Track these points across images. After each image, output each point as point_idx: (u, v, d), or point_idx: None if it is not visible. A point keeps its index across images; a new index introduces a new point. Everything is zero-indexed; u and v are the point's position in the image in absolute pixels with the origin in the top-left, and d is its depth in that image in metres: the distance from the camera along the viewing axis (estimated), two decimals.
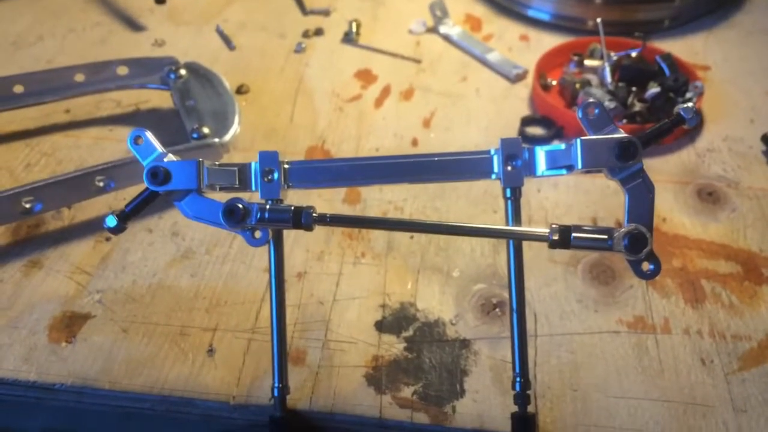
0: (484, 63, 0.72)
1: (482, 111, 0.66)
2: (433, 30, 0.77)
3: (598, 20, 0.68)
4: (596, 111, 0.37)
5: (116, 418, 0.47)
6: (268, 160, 0.40)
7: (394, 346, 0.46)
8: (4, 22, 0.78)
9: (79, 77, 0.62)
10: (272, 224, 0.39)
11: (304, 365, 0.45)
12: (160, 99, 0.66)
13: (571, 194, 0.57)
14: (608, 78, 0.65)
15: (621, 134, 0.37)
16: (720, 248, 0.52)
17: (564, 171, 0.39)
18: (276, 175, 0.40)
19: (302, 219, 0.38)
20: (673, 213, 0.55)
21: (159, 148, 0.39)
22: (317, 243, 0.53)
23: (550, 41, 0.75)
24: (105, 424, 0.49)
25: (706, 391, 0.43)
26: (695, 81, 0.64)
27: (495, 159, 0.40)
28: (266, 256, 0.52)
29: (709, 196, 0.57)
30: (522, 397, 0.39)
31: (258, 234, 0.39)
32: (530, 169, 0.39)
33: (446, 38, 0.76)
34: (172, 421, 0.46)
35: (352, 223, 0.44)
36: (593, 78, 0.67)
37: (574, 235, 0.37)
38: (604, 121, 0.38)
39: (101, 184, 0.52)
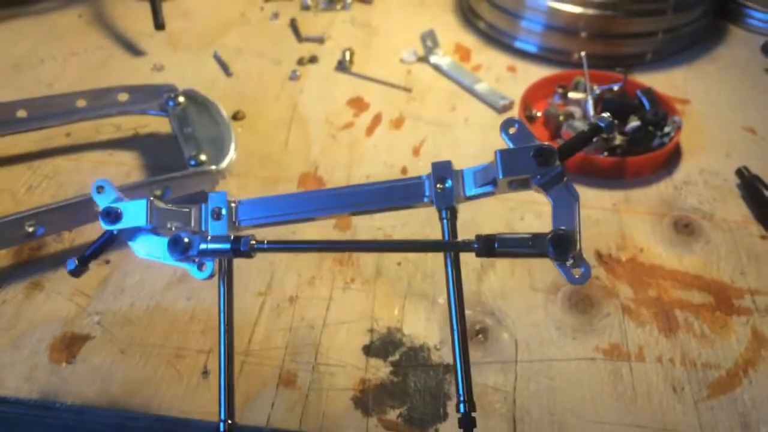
0: (473, 93, 0.75)
1: (470, 140, 0.69)
2: (423, 59, 0.80)
3: (583, 54, 0.71)
4: (516, 126, 0.39)
5: None
6: (217, 199, 0.42)
7: (380, 370, 0.48)
8: (6, 44, 0.80)
9: (81, 103, 0.64)
10: (214, 254, 0.40)
11: (294, 387, 0.47)
12: (158, 124, 0.68)
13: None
14: (591, 111, 0.68)
15: (537, 143, 0.39)
16: (694, 279, 0.55)
17: (490, 187, 0.40)
18: (224, 213, 0.42)
19: (241, 246, 0.39)
20: (650, 244, 0.58)
21: (117, 193, 0.42)
22: (309, 268, 0.55)
23: (536, 72, 0.78)
24: None
25: (676, 417, 0.46)
26: (674, 115, 0.67)
27: (426, 183, 0.41)
28: (260, 280, 0.54)
29: (684, 228, 0.59)
30: (467, 420, 0.37)
31: (205, 267, 0.41)
32: (461, 189, 0.41)
33: (436, 68, 0.79)
34: None
35: (290, 248, 0.44)
36: (577, 110, 0.69)
37: (498, 241, 0.38)
38: (526, 137, 0.39)
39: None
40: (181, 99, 0.65)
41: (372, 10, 0.90)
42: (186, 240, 0.39)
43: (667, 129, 0.66)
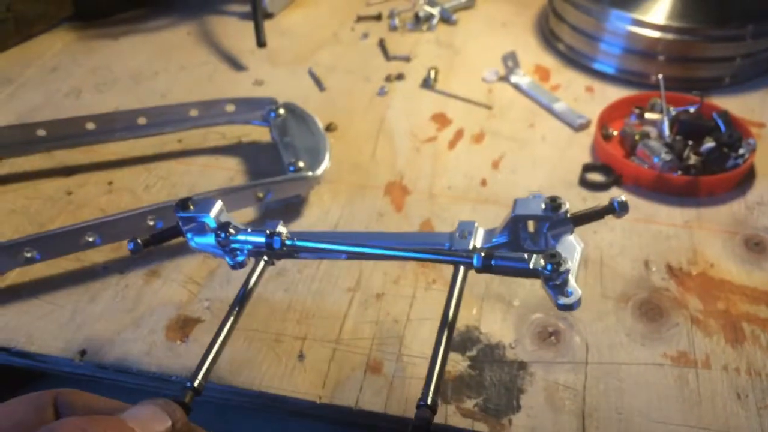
0: (551, 111, 0.79)
1: (547, 156, 0.73)
2: (504, 79, 0.84)
3: (660, 76, 0.74)
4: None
5: (214, 409, 0.55)
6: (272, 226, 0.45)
7: (459, 363, 0.53)
8: (125, 57, 0.89)
9: (194, 112, 0.71)
10: (246, 242, 0.44)
11: (380, 374, 0.52)
12: (259, 133, 0.75)
13: (626, 236, 0.63)
14: (666, 131, 0.71)
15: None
16: (762, 294, 0.57)
17: (504, 238, 0.43)
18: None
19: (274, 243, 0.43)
20: (721, 260, 0.60)
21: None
22: (394, 269, 0.60)
23: (613, 93, 0.81)
24: (204, 412, 0.56)
25: (739, 422, 0.48)
26: (749, 138, 0.69)
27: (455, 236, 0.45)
28: (349, 276, 0.60)
29: (755, 246, 0.62)
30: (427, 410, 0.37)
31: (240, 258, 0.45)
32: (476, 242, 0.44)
33: (516, 87, 0.83)
34: (261, 413, 0.53)
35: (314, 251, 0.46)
36: (652, 130, 0.72)
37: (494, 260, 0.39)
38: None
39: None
40: (282, 111, 0.71)
41: (456, 31, 0.95)
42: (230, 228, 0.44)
43: (741, 151, 0.68)
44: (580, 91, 0.82)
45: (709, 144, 0.68)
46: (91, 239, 0.57)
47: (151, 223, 0.59)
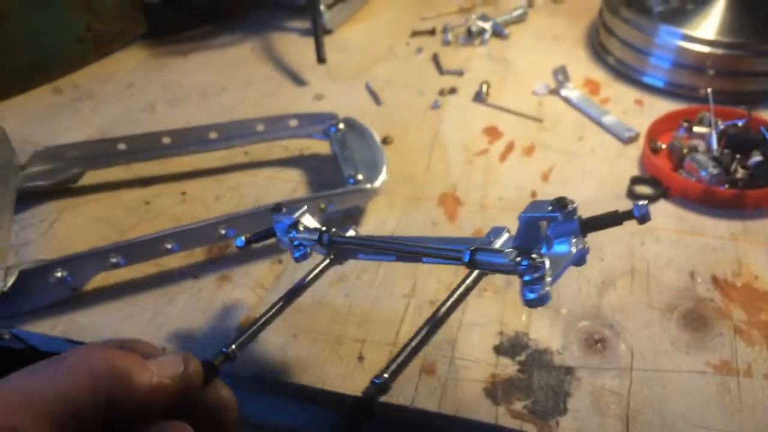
0: (600, 124, 0.81)
1: (596, 169, 0.75)
2: (554, 92, 0.87)
3: (709, 90, 0.76)
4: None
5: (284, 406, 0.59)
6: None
7: (509, 367, 0.56)
8: (194, 74, 0.95)
9: (260, 127, 0.76)
10: (305, 238, 0.52)
11: (434, 376, 0.56)
12: (319, 147, 0.79)
13: (672, 248, 0.65)
14: (714, 145, 0.73)
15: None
16: None
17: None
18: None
19: (324, 239, 0.50)
20: (765, 272, 0.62)
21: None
22: (448, 276, 0.64)
23: (662, 107, 0.83)
24: (272, 404, 0.61)
25: None
26: None
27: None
28: (405, 284, 0.64)
29: None
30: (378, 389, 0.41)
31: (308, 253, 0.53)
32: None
33: (566, 100, 0.86)
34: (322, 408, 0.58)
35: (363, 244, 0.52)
36: (701, 144, 0.74)
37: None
38: None
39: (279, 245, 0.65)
40: (341, 125, 0.76)
41: (508, 45, 0.98)
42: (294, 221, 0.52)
43: None
44: (629, 105, 0.85)
45: (756, 158, 0.70)
46: (169, 246, 0.63)
47: (223, 231, 0.64)
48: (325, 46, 0.93)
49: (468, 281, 0.47)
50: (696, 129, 0.76)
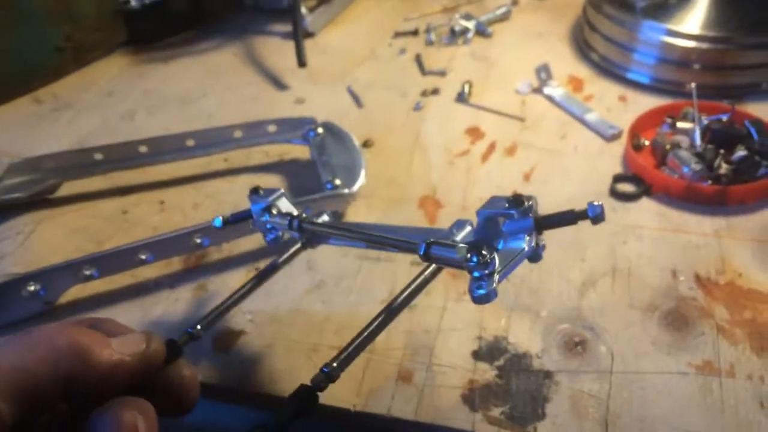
0: (583, 122, 0.80)
1: (578, 167, 0.74)
2: (537, 90, 0.86)
3: (693, 85, 0.75)
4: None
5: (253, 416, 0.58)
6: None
7: (487, 372, 0.55)
8: (175, 80, 0.94)
9: (238, 134, 0.76)
10: (277, 222, 0.51)
11: (411, 383, 0.55)
12: (299, 152, 0.78)
13: (655, 246, 0.64)
14: (698, 140, 0.71)
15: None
16: None
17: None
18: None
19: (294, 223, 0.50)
20: (749, 269, 0.61)
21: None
22: None
23: (647, 102, 0.82)
24: (242, 418, 0.60)
25: (761, 430, 0.49)
26: None
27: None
28: (384, 288, 0.63)
29: None
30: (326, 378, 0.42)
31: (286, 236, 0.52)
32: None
33: (549, 99, 0.84)
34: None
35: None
36: (684, 140, 0.73)
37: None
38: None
39: (252, 226, 0.64)
40: (320, 130, 0.75)
41: (491, 43, 0.97)
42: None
43: None
44: (613, 101, 0.84)
45: (740, 152, 0.69)
46: (143, 257, 0.62)
47: (198, 241, 0.63)
48: (306, 50, 0.92)
49: (426, 273, 0.47)
50: (680, 125, 0.74)
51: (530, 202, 0.38)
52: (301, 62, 0.90)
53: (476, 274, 0.37)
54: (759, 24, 0.80)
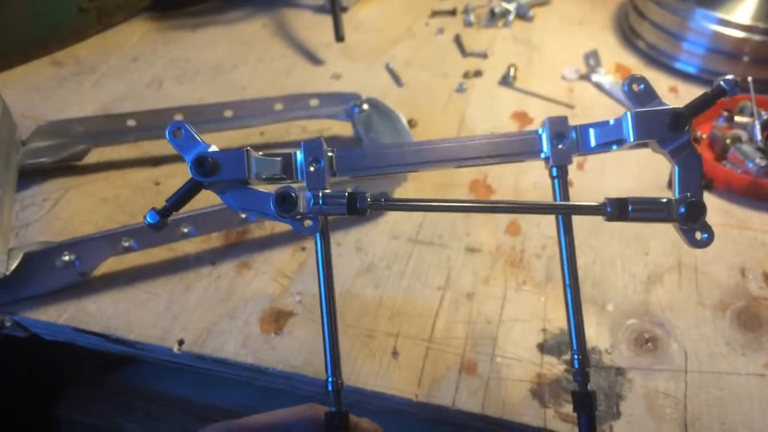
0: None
1: (634, 158, 0.71)
2: (585, 78, 0.83)
3: (749, 79, 0.72)
4: (641, 86, 0.39)
5: (299, 400, 0.55)
6: (313, 149, 0.39)
7: (555, 367, 0.52)
8: (205, 49, 0.90)
9: (278, 106, 0.72)
10: (326, 211, 0.38)
11: (475, 375, 0.52)
12: (340, 128, 0.75)
13: (719, 242, 0.62)
14: (758, 135, 0.69)
15: (669, 106, 0.38)
16: None
17: (614, 146, 0.39)
18: (321, 164, 0.39)
19: (357, 203, 0.37)
20: None
21: (201, 139, 0.39)
22: (483, 268, 0.60)
23: (698, 93, 0.78)
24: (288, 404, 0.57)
25: None
26: None
27: (543, 138, 0.40)
28: (438, 275, 0.59)
29: None
30: (582, 374, 0.38)
31: (308, 222, 0.39)
32: (580, 147, 0.40)
33: (598, 86, 0.82)
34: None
35: (408, 206, 0.42)
36: (743, 134, 0.70)
37: (631, 206, 0.37)
38: (650, 96, 0.39)
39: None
40: (365, 106, 0.71)
41: (532, 27, 0.94)
42: (295, 196, 0.37)
43: None
44: (664, 92, 0.81)
45: None
46: (186, 230, 0.58)
47: (243, 216, 0.60)
48: (343, 24, 0.88)
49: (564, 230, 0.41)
50: (737, 119, 0.72)
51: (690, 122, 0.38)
52: (339, 36, 0.86)
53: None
54: None
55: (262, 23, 0.95)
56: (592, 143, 0.40)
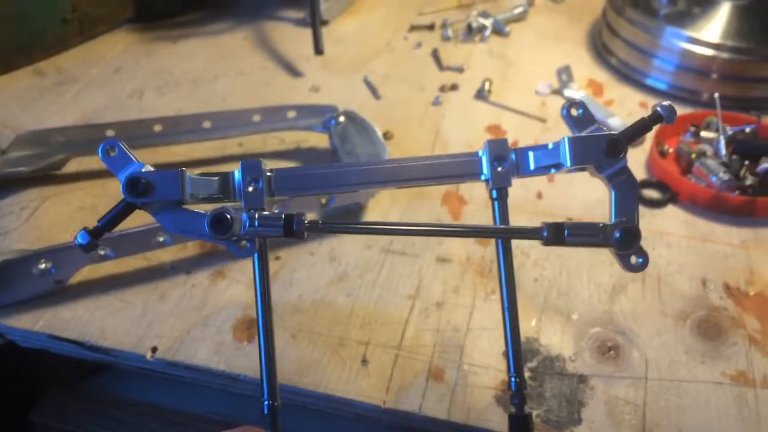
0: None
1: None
2: (558, 92, 0.85)
3: (716, 95, 0.74)
4: (580, 111, 0.39)
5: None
6: (252, 169, 0.39)
7: None
8: (185, 60, 0.91)
9: (256, 118, 0.73)
10: (262, 234, 0.37)
11: (442, 382, 0.53)
12: (317, 140, 0.76)
13: (683, 254, 0.63)
14: (723, 150, 0.71)
15: (606, 131, 0.38)
16: None
17: (553, 170, 0.40)
18: (260, 184, 0.39)
19: (294, 226, 0.37)
20: None
21: (135, 158, 0.38)
22: (453, 278, 0.61)
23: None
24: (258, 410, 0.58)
25: None
26: None
27: (484, 160, 0.40)
28: (409, 285, 0.61)
29: None
30: (518, 397, 0.40)
31: (245, 245, 0.38)
32: (519, 169, 0.40)
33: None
34: (323, 415, 0.55)
35: (344, 229, 0.42)
36: (708, 149, 0.72)
37: (567, 231, 0.37)
38: (588, 120, 0.39)
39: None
40: (342, 119, 0.73)
41: (508, 43, 0.96)
42: (230, 218, 0.36)
43: None
44: (635, 107, 0.83)
45: (765, 164, 0.68)
46: (162, 239, 0.59)
47: None
48: (323, 37, 0.89)
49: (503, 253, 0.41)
50: (703, 134, 0.74)
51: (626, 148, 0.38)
52: (319, 49, 0.88)
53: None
54: None
55: (244, 35, 0.97)
56: (532, 166, 0.40)
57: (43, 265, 0.57)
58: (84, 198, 0.69)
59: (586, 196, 0.70)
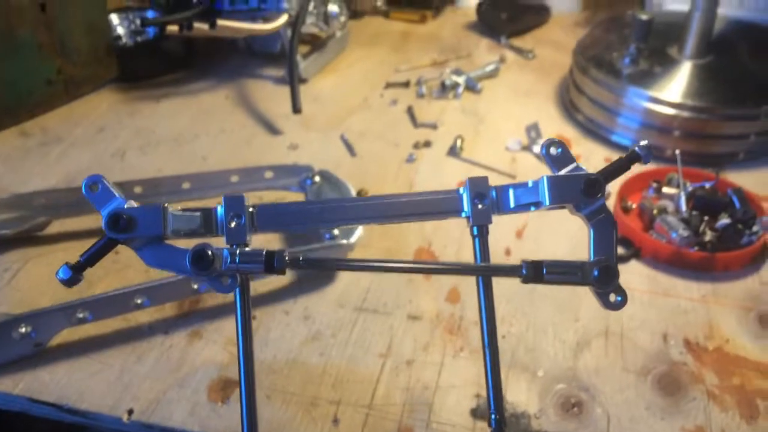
0: None
1: (569, 227, 0.76)
2: (527, 148, 0.88)
3: (677, 152, 0.78)
4: (559, 150, 0.40)
5: None
6: (234, 204, 0.40)
7: (486, 431, 0.55)
8: (167, 119, 0.94)
9: (234, 179, 0.76)
10: (243, 270, 0.38)
11: None
12: (293, 199, 0.79)
13: (645, 309, 0.66)
14: (683, 206, 0.74)
15: (584, 171, 0.40)
16: None
17: (532, 208, 0.41)
18: (243, 220, 0.40)
19: (275, 262, 0.38)
20: (736, 336, 0.63)
21: (118, 194, 0.39)
22: (423, 335, 0.63)
23: (632, 166, 0.84)
24: None
25: None
26: (763, 216, 0.72)
27: (464, 198, 0.41)
28: (381, 342, 0.63)
29: None
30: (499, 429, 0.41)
31: (226, 281, 0.39)
32: (499, 207, 0.42)
33: (539, 157, 0.87)
34: None
35: (325, 266, 0.43)
36: (670, 204, 0.75)
37: (546, 269, 0.38)
38: (567, 159, 0.40)
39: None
40: (317, 178, 0.76)
41: (480, 99, 1.00)
42: (211, 254, 0.37)
43: (755, 228, 0.71)
44: (600, 162, 0.86)
45: (724, 220, 0.71)
46: (139, 301, 0.61)
47: (195, 287, 0.63)
48: (300, 96, 0.93)
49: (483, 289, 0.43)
50: (665, 190, 0.77)
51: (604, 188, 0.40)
52: (296, 108, 0.91)
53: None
54: (738, 96, 0.84)
55: (225, 94, 1.00)
56: (512, 204, 0.42)
57: (23, 329, 0.58)
58: (66, 259, 0.69)
59: (554, 251, 0.72)
